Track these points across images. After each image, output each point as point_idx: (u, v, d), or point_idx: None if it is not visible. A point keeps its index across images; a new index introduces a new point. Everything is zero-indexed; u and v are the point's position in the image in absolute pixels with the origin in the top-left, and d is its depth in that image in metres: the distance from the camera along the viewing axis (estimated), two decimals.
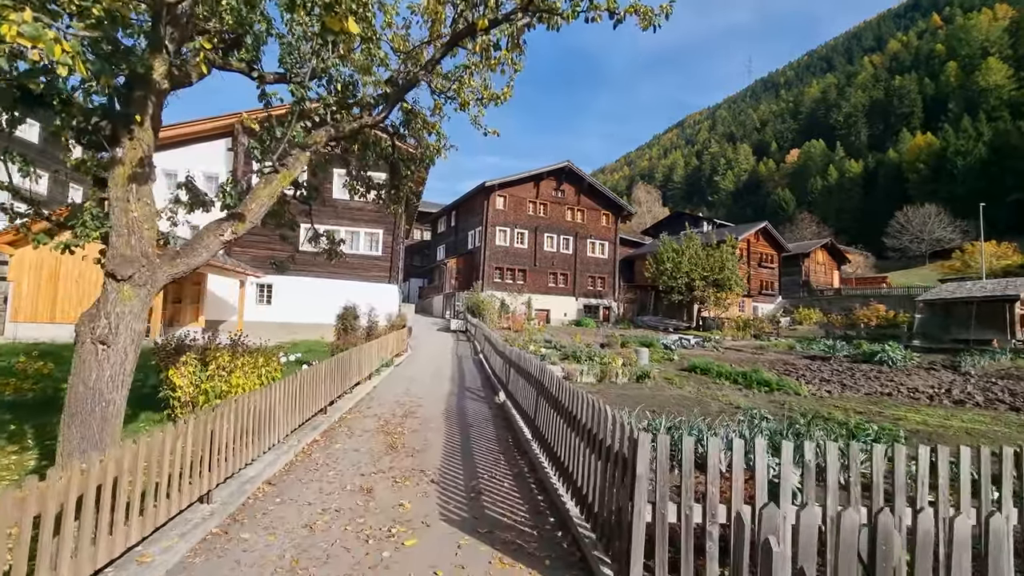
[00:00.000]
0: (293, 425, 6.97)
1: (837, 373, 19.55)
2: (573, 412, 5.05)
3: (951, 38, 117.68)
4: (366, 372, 11.86)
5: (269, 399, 6.03)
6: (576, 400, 5.02)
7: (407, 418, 8.80)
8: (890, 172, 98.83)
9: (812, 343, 27.85)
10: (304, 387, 7.50)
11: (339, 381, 9.41)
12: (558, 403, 5.67)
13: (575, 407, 5.02)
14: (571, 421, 5.12)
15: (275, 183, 5.47)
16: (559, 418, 5.65)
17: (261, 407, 5.81)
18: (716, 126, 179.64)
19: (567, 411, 5.28)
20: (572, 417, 5.08)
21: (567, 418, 5.28)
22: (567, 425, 5.28)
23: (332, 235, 8.81)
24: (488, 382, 13.96)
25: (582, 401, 4.83)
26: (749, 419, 10.95)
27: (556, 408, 5.80)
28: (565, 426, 5.36)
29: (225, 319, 24.71)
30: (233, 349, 9.49)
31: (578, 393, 5.05)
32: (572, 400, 5.17)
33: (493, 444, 7.33)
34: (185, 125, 25.05)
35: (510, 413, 9.17)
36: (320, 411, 8.41)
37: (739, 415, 12.32)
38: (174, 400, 8.56)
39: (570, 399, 5.24)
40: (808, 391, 16.65)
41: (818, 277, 52.96)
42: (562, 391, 5.60)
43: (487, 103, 8.78)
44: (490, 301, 31.87)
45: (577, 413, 4.92)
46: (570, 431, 5.14)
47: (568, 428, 5.25)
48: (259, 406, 5.74)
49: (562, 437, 5.46)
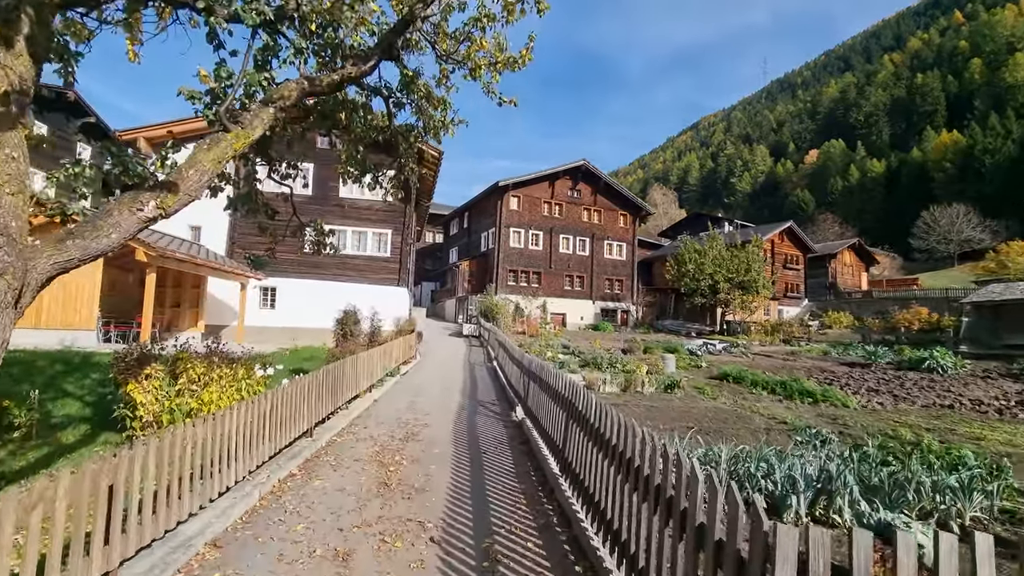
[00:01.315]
0: (263, 456, 5.61)
1: (884, 382, 17.87)
2: (634, 461, 3.60)
3: (975, 34, 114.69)
4: (365, 384, 10.49)
5: (224, 427, 4.67)
6: (637, 444, 3.57)
7: (408, 442, 7.40)
8: (914, 171, 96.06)
9: (848, 348, 26.05)
10: (280, 407, 6.14)
11: (330, 396, 8.05)
12: (603, 439, 4.23)
13: (634, 452, 3.58)
14: (627, 469, 3.67)
15: (223, 145, 4.11)
16: (604, 458, 4.21)
17: (212, 439, 4.45)
18: (731, 128, 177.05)
19: (621, 455, 3.83)
20: (629, 465, 3.63)
21: (620, 464, 3.83)
22: (619, 472, 3.84)
23: (319, 225, 7.46)
24: (503, 394, 12.53)
25: (647, 447, 3.38)
26: (807, 441, 9.45)
27: (598, 443, 4.36)
28: (615, 473, 3.91)
29: (227, 324, 23.58)
30: (209, 358, 8.18)
31: (633, 429, 3.62)
32: (625, 438, 3.73)
33: (511, 479, 5.89)
34: (187, 122, 23.97)
35: (530, 435, 7.73)
36: (304, 434, 7.04)
37: (793, 434, 10.79)
38: (133, 421, 7.26)
39: (622, 436, 3.80)
40: (857, 403, 15.02)
41: (845, 279, 50.84)
42: (608, 423, 4.16)
43: (502, 68, 7.42)
44: (504, 305, 30.47)
45: (642, 465, 3.46)
46: (626, 484, 3.68)
47: (619, 475, 3.81)
48: (207, 438, 4.37)
49: (610, 487, 4.01)
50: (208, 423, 4.35)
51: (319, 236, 7.42)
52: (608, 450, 4.08)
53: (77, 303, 16.03)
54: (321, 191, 24.97)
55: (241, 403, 5.12)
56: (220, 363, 8.19)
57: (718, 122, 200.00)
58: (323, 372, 7.65)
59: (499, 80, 7.34)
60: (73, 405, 9.14)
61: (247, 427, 5.22)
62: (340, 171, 7.67)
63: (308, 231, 7.45)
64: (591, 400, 4.75)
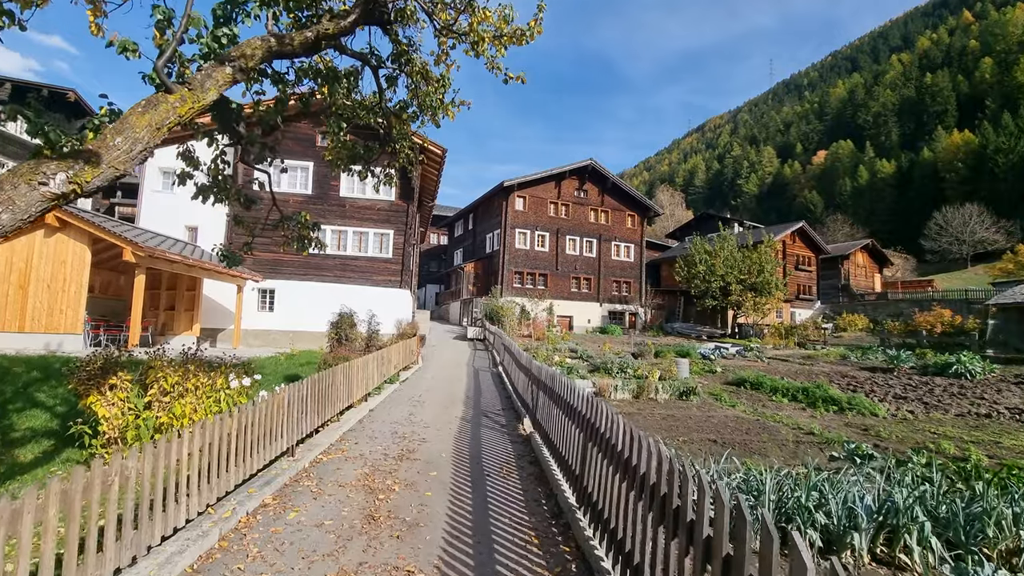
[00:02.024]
0: (230, 485, 4.79)
1: (911, 388, 16.90)
2: (700, 527, 2.74)
3: (985, 34, 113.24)
4: (359, 393, 9.67)
5: (173, 456, 3.85)
6: (691, 492, 2.73)
7: (403, 461, 6.56)
8: (925, 172, 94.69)
9: (868, 352, 25.03)
10: (255, 425, 5.33)
11: (317, 409, 7.23)
12: (638, 476, 3.38)
13: (693, 508, 2.73)
14: (680, 527, 2.82)
15: (163, 109, 3.30)
16: (636, 498, 3.36)
17: (153, 472, 3.63)
18: (738, 129, 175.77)
19: (665, 502, 2.97)
20: (681, 519, 2.78)
21: (663, 514, 2.98)
22: (660, 522, 2.99)
23: (304, 217, 6.65)
24: (509, 403, 11.68)
25: (705, 494, 2.54)
26: (847, 456, 8.57)
27: (629, 478, 3.52)
28: (655, 521, 3.06)
29: (224, 327, 22.89)
30: (185, 366, 7.38)
31: (685, 475, 2.78)
32: (674, 483, 2.89)
33: (519, 511, 5.05)
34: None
35: (539, 453, 6.89)
36: (285, 453, 6.23)
37: (825, 448, 9.90)
38: (93, 439, 6.46)
39: (670, 482, 2.95)
40: (886, 411, 14.09)
41: (858, 281, 49.67)
42: (646, 457, 3.31)
43: (508, 42, 6.62)
44: (509, 307, 29.63)
45: (713, 538, 2.61)
46: (673, 540, 2.83)
47: (660, 526, 2.96)
48: (146, 472, 3.55)
49: (647, 536, 3.16)
50: (148, 453, 3.52)
51: (303, 230, 6.60)
52: (645, 491, 3.23)
53: (62, 305, 15.28)
54: (321, 190, 24.24)
55: (199, 424, 4.30)
56: (197, 371, 7.40)
57: (724, 124, 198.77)
58: (308, 383, 6.83)
59: (505, 55, 6.56)
60: (40, 417, 8.36)
61: (208, 451, 4.41)
62: (328, 158, 6.88)
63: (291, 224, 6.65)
64: (618, 424, 3.90)
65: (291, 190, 24.01)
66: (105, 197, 44.59)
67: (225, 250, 6.06)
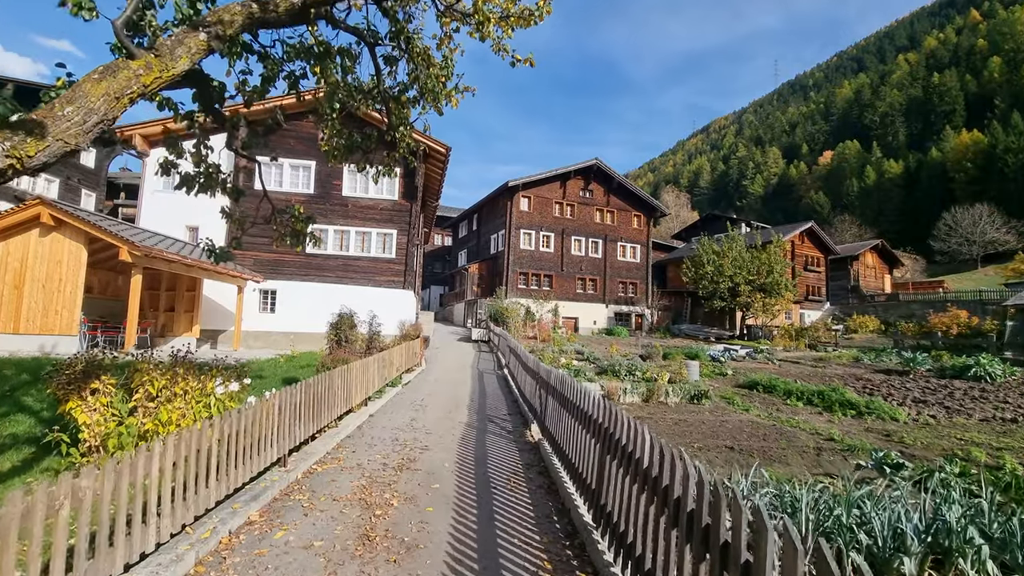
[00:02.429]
0: (210, 501, 4.35)
1: (930, 391, 16.36)
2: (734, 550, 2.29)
3: (993, 33, 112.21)
4: (359, 397, 9.23)
5: (139, 473, 3.41)
6: (744, 525, 2.28)
7: (403, 472, 6.11)
8: (933, 172, 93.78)
9: (881, 354, 24.45)
10: (242, 434, 4.90)
11: (312, 415, 6.79)
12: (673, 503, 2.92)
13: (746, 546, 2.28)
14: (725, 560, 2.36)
15: (123, 76, 2.87)
16: (669, 524, 2.91)
17: (115, 491, 3.20)
18: (743, 130, 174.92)
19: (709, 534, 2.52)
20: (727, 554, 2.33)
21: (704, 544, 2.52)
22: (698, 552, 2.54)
23: (298, 211, 6.23)
24: (516, 407, 11.22)
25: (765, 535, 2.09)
26: (876, 465, 8.08)
27: (660, 503, 3.07)
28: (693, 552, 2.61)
29: (225, 328, 22.54)
30: (173, 369, 6.97)
31: (740, 506, 2.33)
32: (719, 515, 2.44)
33: (530, 529, 4.59)
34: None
35: (549, 463, 6.43)
36: (276, 463, 5.80)
37: (848, 455, 9.41)
38: (71, 447, 6.03)
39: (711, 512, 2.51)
40: (906, 416, 13.57)
41: (868, 282, 48.98)
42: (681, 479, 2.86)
43: (515, 23, 6.21)
44: (514, 308, 29.18)
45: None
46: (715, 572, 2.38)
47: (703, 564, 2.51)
48: (103, 494, 3.11)
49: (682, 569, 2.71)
50: (108, 471, 3.08)
51: (297, 224, 6.18)
52: (682, 519, 2.78)
53: (58, 306, 14.93)
54: (323, 190, 23.87)
55: (173, 436, 3.86)
56: (186, 375, 6.98)
57: (729, 125, 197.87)
58: (302, 387, 6.40)
59: (512, 36, 6.14)
60: (24, 423, 7.95)
61: (186, 464, 3.98)
62: (324, 148, 6.46)
63: (283, 217, 6.23)
64: (643, 437, 3.45)
65: (293, 189, 23.66)
66: (109, 198, 44.44)
67: (214, 246, 5.65)
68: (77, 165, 35.14)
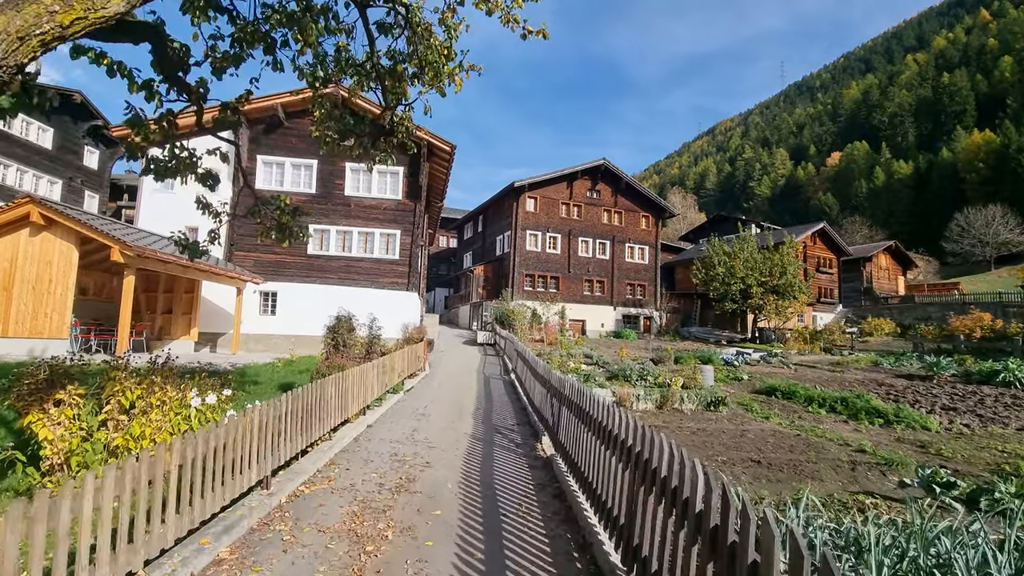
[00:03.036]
0: (165, 542, 3.67)
1: (959, 398, 15.57)
2: None
3: (1004, 32, 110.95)
4: (357, 406, 8.57)
5: (56, 516, 2.74)
6: None
7: (401, 494, 5.43)
8: (944, 172, 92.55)
9: (901, 358, 23.61)
10: (212, 457, 4.25)
11: (301, 429, 6.13)
12: (743, 566, 2.23)
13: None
14: None
15: (30, 12, 2.23)
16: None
17: (26, 538, 2.54)
18: (749, 132, 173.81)
19: None
20: None
21: None
22: None
23: (283, 202, 5.58)
24: (524, 416, 10.53)
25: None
26: (923, 483, 7.36)
27: (723, 562, 2.38)
28: None
29: (225, 331, 21.94)
30: (150, 377, 6.33)
31: None
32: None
33: (548, 568, 3.91)
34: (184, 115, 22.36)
35: (564, 484, 5.74)
36: (259, 484, 5.14)
37: (887, 470, 8.67)
38: (28, 468, 5.39)
39: None
40: (938, 425, 12.80)
41: (881, 283, 48.00)
42: (752, 534, 2.17)
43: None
44: (521, 311, 28.50)
45: None
46: None
47: None
48: (13, 543, 2.45)
49: None
50: (12, 517, 2.42)
51: (283, 217, 5.54)
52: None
53: (48, 308, 14.36)
54: (325, 189, 23.28)
55: (113, 468, 3.19)
56: (165, 384, 6.34)
57: (735, 126, 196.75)
58: (289, 399, 5.73)
59: (523, 6, 5.48)
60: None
61: (134, 497, 3.31)
62: (315, 134, 5.82)
63: (268, 208, 5.58)
64: (698, 474, 2.76)
65: (294, 189, 23.07)
66: (112, 199, 44.10)
67: (186, 239, 5.01)
68: (80, 166, 34.73)
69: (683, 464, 2.94)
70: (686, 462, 2.91)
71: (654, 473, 3.29)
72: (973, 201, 75.67)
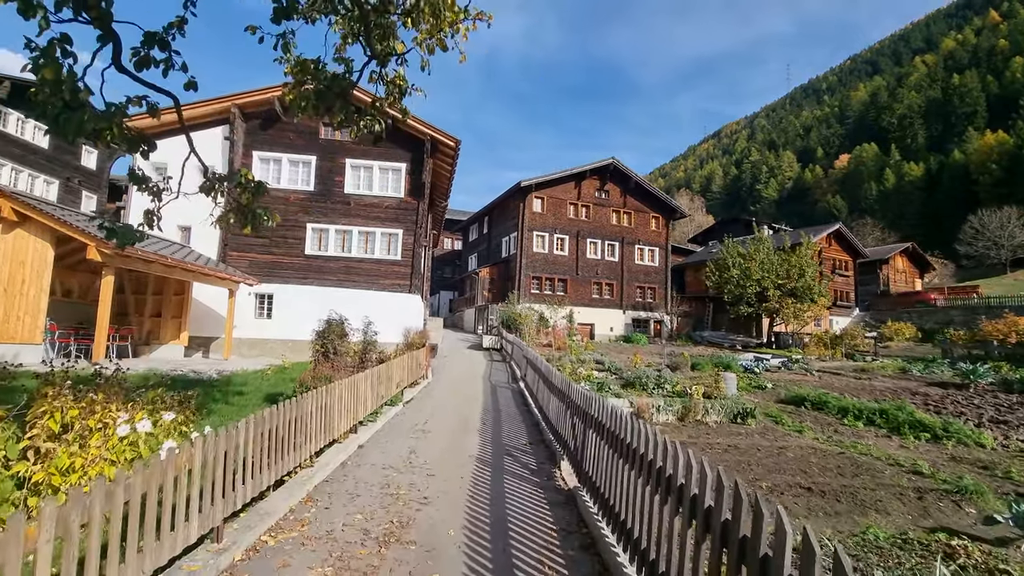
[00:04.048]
0: None
1: (1005, 409, 14.36)
2: None
3: (1015, 33, 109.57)
4: (345, 424, 7.42)
5: None
6: None
7: (390, 546, 4.27)
8: (955, 174, 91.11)
9: (931, 365, 22.36)
10: (139, 507, 3.12)
11: (272, 457, 4.99)
12: None
13: None
14: None
15: None
16: None
17: None
18: (755, 134, 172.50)
19: None
20: None
21: None
22: None
23: (243, 177, 4.47)
24: (537, 432, 9.37)
25: None
26: (1018, 520, 6.17)
27: None
28: None
29: (217, 335, 20.86)
30: (89, 394, 5.23)
31: None
32: None
33: None
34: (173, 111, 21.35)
35: (597, 533, 4.55)
36: (206, 537, 4.00)
37: (960, 500, 7.47)
38: None
39: None
40: (993, 441, 11.57)
41: (898, 286, 46.60)
42: None
43: None
44: (527, 314, 27.34)
45: None
46: None
47: None
48: None
49: None
50: None
51: (243, 196, 4.42)
52: None
53: (20, 311, 13.27)
54: (324, 186, 22.21)
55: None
56: (108, 402, 5.24)
57: (741, 129, 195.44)
58: (251, 423, 4.58)
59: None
60: None
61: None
62: (289, 97, 4.70)
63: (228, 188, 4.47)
64: None
65: (292, 186, 22.04)
66: (111, 200, 43.21)
67: (114, 223, 3.89)
68: (78, 166, 33.83)
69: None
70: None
71: (752, 549, 2.15)
72: (986, 203, 74.22)
